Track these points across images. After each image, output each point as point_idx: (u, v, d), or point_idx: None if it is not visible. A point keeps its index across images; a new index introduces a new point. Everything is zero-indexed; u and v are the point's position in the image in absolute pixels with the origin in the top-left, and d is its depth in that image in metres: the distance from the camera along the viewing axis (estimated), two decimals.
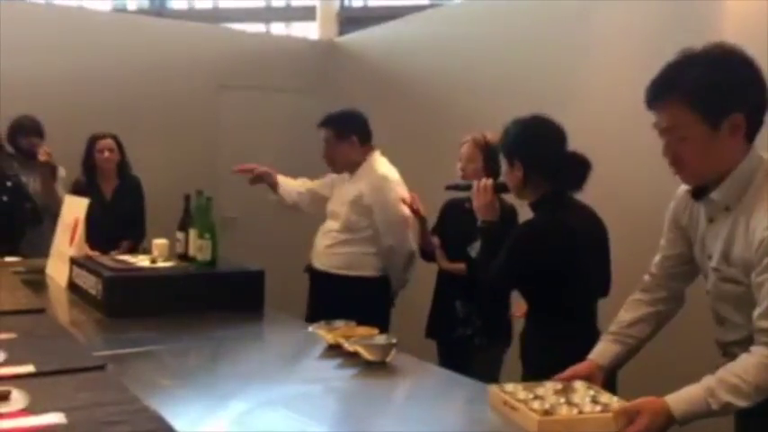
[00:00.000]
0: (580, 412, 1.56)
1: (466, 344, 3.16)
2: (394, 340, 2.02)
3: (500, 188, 2.44)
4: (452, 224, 3.29)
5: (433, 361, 3.04)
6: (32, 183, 4.45)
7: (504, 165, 2.38)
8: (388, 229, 3.29)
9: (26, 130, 4.44)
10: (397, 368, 1.96)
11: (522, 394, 1.63)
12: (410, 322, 3.38)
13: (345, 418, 1.71)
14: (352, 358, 2.00)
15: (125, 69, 5.48)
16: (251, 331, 2.60)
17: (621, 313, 1.98)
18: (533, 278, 2.30)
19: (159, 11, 7.98)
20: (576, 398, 1.64)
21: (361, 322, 2.22)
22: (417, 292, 3.47)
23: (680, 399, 1.55)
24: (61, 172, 4.53)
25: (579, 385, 1.73)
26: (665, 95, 1.66)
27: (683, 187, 1.84)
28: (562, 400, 1.62)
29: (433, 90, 5.09)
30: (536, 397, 1.62)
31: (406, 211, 3.24)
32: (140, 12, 7.83)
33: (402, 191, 3.30)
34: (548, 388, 1.70)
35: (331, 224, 3.44)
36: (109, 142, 4.45)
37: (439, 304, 3.33)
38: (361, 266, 3.33)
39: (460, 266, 3.10)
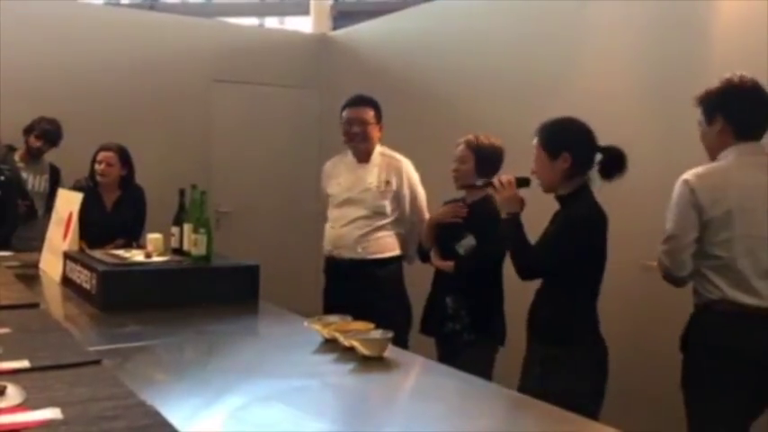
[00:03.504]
0: None
1: (455, 339, 3.16)
2: (390, 335, 2.02)
3: (521, 183, 2.62)
4: (448, 223, 3.29)
5: (433, 357, 3.05)
6: (36, 182, 4.46)
7: (543, 158, 2.51)
8: (414, 208, 3.51)
9: (37, 133, 4.48)
10: (393, 363, 1.96)
11: None
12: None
13: (342, 412, 1.71)
14: (348, 353, 2.00)
15: (118, 63, 5.46)
16: (246, 326, 2.59)
17: None
18: (577, 257, 2.44)
19: (152, 4, 7.95)
20: None
21: (388, 301, 2.25)
22: (416, 289, 3.48)
23: None
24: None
25: None
26: None
27: None
28: None
29: (427, 85, 5.08)
30: None
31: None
32: (133, 6, 7.80)
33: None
34: None
35: (353, 212, 3.47)
36: (108, 155, 4.07)
37: (432, 300, 3.34)
38: (390, 248, 3.49)
39: (450, 264, 3.17)
